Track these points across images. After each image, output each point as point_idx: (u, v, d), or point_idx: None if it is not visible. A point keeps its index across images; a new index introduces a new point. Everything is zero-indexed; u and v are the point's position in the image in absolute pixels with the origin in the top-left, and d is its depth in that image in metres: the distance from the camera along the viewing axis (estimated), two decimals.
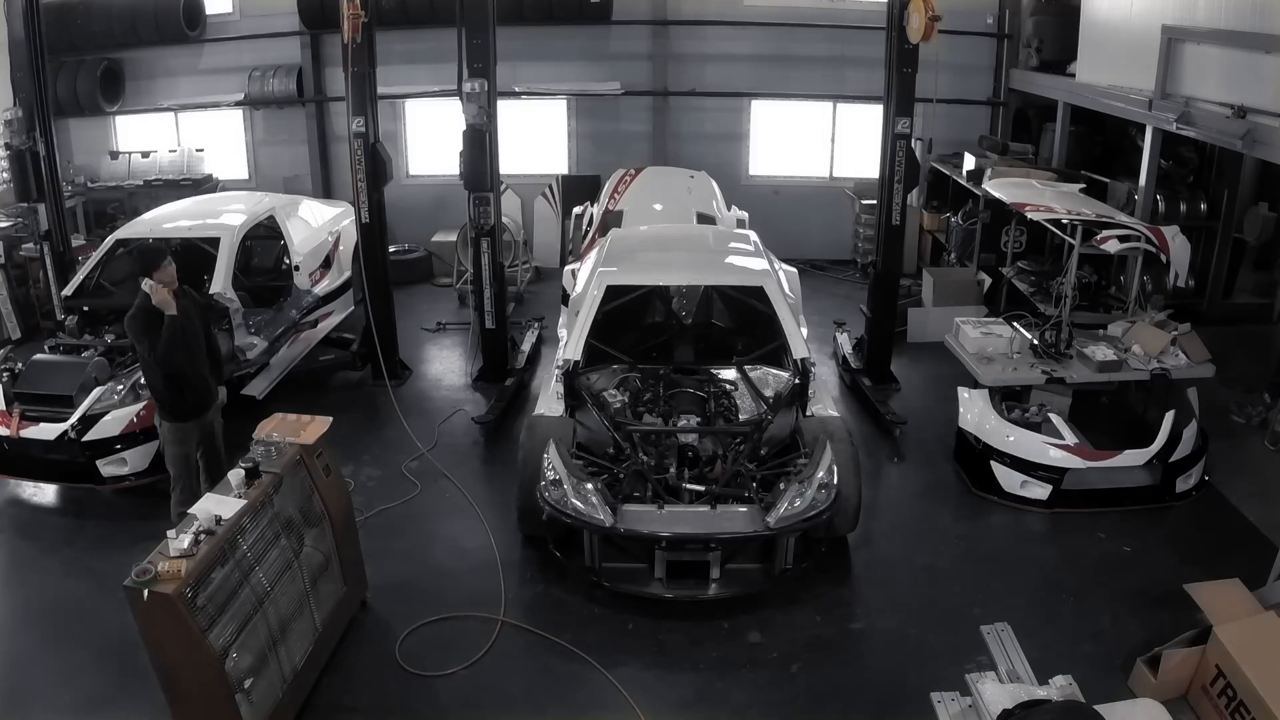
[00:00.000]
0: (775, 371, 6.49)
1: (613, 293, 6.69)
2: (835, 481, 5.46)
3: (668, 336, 7.19)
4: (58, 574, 5.94)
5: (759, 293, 6.66)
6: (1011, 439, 6.62)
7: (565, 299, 8.17)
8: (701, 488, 5.51)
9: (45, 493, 6.91)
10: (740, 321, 7.25)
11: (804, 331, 6.79)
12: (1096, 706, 3.63)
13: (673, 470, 5.66)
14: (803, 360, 6.26)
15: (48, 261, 9.07)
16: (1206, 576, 5.00)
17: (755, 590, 5.50)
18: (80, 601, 5.57)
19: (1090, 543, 6.19)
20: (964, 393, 7.06)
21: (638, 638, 5.26)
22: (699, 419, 6.08)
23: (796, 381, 6.17)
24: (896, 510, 6.76)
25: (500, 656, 5.12)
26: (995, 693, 3.67)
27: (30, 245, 9.57)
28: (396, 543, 6.21)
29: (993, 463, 6.66)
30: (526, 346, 9.20)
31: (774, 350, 6.58)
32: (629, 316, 7.09)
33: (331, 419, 5.20)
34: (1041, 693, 3.66)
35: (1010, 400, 7.11)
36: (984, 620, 4.49)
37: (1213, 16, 7.45)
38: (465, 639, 5.27)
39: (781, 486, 5.42)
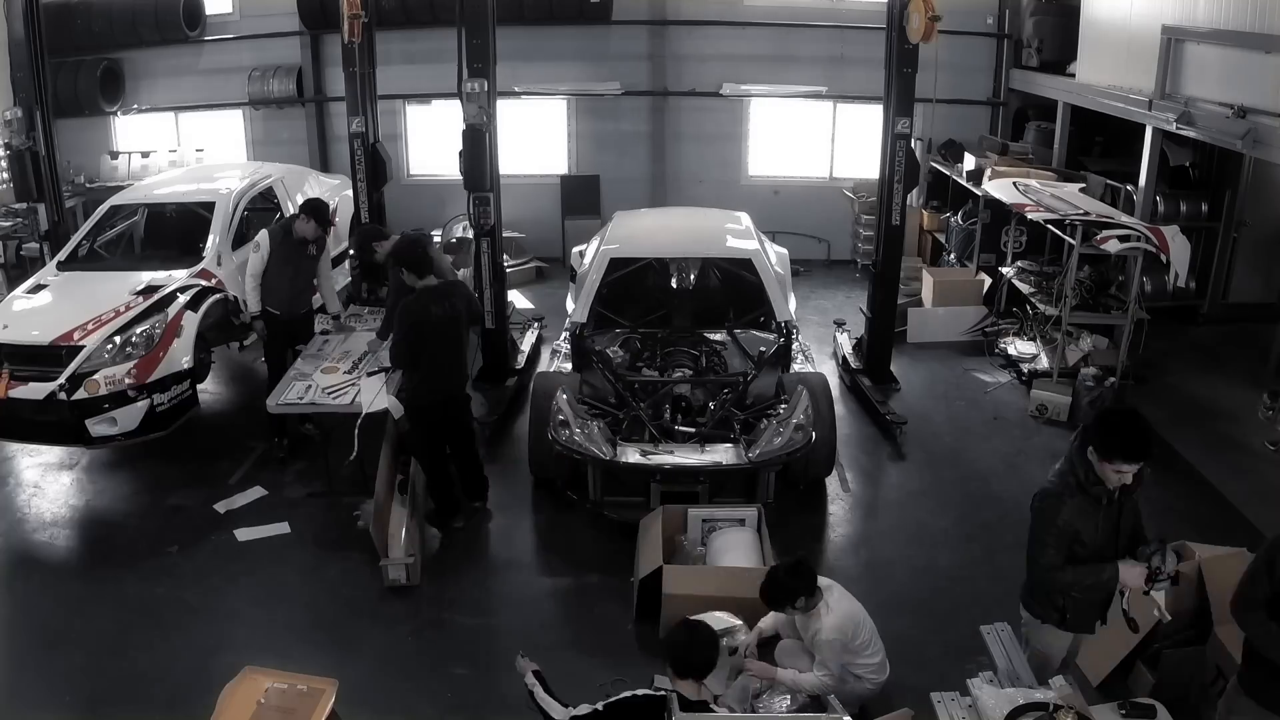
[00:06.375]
0: (761, 334, 7.14)
1: (616, 265, 7.26)
2: (810, 424, 6.07)
3: (666, 310, 7.66)
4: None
5: (748, 265, 7.20)
6: None
7: (573, 276, 8.60)
8: (692, 430, 6.13)
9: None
10: (732, 292, 7.71)
11: (792, 301, 7.62)
12: (1095, 706, 3.63)
13: (667, 416, 6.30)
14: (786, 322, 7.05)
15: (48, 261, 9.06)
16: None
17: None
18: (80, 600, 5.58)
19: None
20: None
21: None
22: (691, 372, 6.72)
23: (781, 340, 6.90)
24: (896, 510, 6.77)
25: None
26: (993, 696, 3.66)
27: (31, 245, 9.57)
28: None
29: None
30: (526, 346, 9.19)
31: (763, 317, 7.19)
32: (631, 289, 7.62)
33: None
34: (1039, 694, 3.64)
35: None
36: (984, 620, 4.48)
37: (1213, 16, 7.44)
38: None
39: (762, 427, 6.07)
